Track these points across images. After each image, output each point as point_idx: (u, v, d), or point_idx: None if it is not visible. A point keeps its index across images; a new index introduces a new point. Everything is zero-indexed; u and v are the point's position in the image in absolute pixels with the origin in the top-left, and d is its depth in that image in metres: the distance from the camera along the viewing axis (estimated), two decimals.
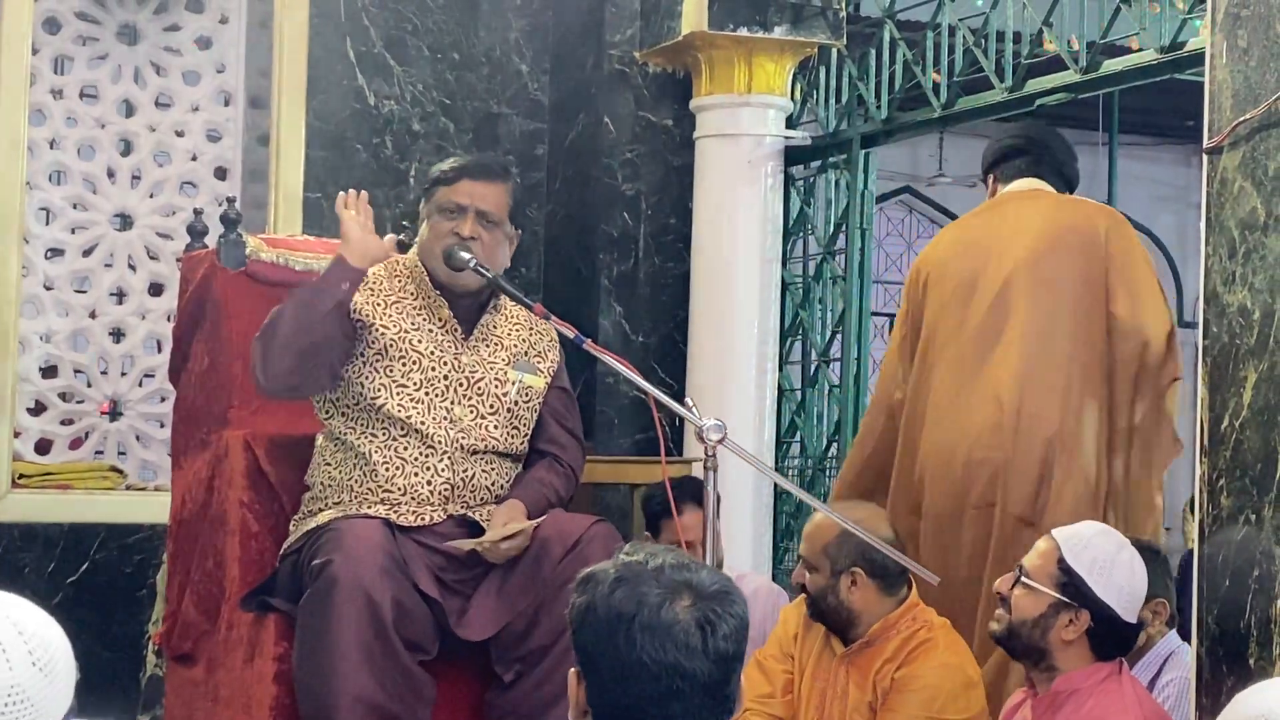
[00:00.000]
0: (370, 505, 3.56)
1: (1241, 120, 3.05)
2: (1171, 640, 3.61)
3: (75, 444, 5.82)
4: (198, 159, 5.95)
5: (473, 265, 3.57)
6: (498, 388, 3.66)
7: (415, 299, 3.67)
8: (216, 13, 5.97)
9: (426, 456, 3.59)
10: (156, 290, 5.90)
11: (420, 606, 3.45)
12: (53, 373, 5.84)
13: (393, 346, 3.61)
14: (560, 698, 2.08)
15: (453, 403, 3.62)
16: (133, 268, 5.86)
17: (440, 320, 3.66)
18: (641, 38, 6.08)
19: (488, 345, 3.69)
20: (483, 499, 3.64)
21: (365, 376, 3.61)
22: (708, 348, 5.94)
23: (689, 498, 4.33)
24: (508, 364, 3.69)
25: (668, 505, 3.87)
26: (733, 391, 5.85)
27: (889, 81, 5.79)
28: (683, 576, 1.96)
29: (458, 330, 3.67)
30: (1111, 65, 5.02)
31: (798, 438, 6.17)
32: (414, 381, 3.60)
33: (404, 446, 3.59)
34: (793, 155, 6.07)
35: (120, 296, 5.89)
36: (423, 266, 3.68)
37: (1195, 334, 3.31)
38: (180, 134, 5.93)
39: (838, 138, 5.99)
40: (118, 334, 5.90)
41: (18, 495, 5.60)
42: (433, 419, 3.60)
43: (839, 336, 6.01)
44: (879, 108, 5.83)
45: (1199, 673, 3.12)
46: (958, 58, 5.51)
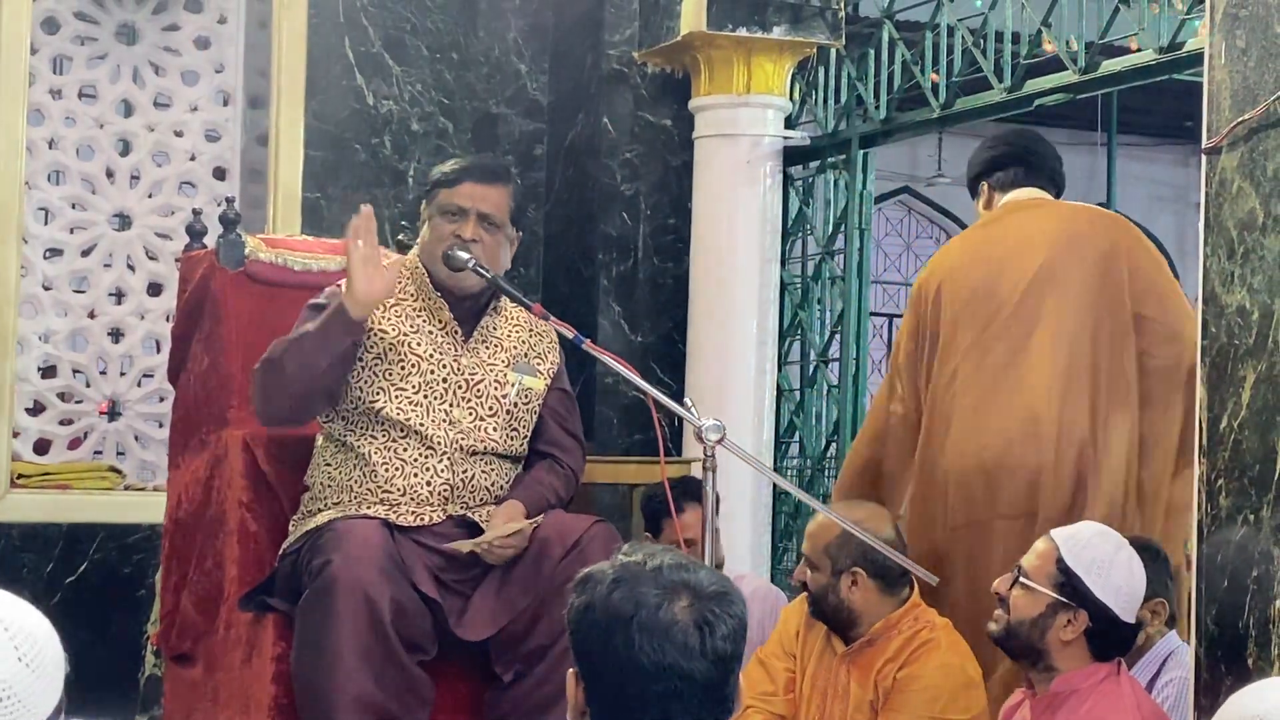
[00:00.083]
0: (369, 506, 3.55)
1: (1240, 121, 3.04)
2: (1171, 640, 3.60)
3: (74, 444, 5.82)
4: (196, 159, 5.94)
5: (471, 265, 3.57)
6: (497, 389, 3.66)
7: (415, 300, 3.66)
8: (215, 13, 5.96)
9: (426, 457, 3.58)
10: (155, 290, 5.90)
11: (419, 607, 3.45)
12: (51, 373, 5.84)
13: (392, 350, 3.60)
14: (560, 698, 2.08)
15: (451, 404, 3.62)
16: (131, 268, 5.86)
17: (440, 322, 3.66)
18: (640, 38, 6.08)
19: (487, 347, 3.68)
20: (482, 500, 3.64)
21: (364, 380, 3.60)
22: (707, 348, 5.94)
23: (690, 496, 4.33)
24: (507, 366, 3.68)
25: (668, 504, 3.87)
26: (732, 391, 5.85)
27: (888, 82, 5.80)
28: (681, 577, 1.96)
29: (458, 332, 3.66)
30: (1110, 65, 5.02)
31: (796, 438, 6.17)
32: (413, 385, 3.59)
33: (403, 447, 3.59)
34: (791, 155, 6.08)
35: (119, 296, 5.89)
36: (423, 268, 3.67)
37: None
38: (179, 134, 5.93)
39: (836, 138, 6.00)
40: (116, 334, 5.90)
41: (16, 495, 5.59)
42: (432, 421, 3.59)
43: (838, 336, 6.02)
44: (878, 108, 5.84)
45: (1197, 673, 3.12)
46: (956, 58, 5.51)
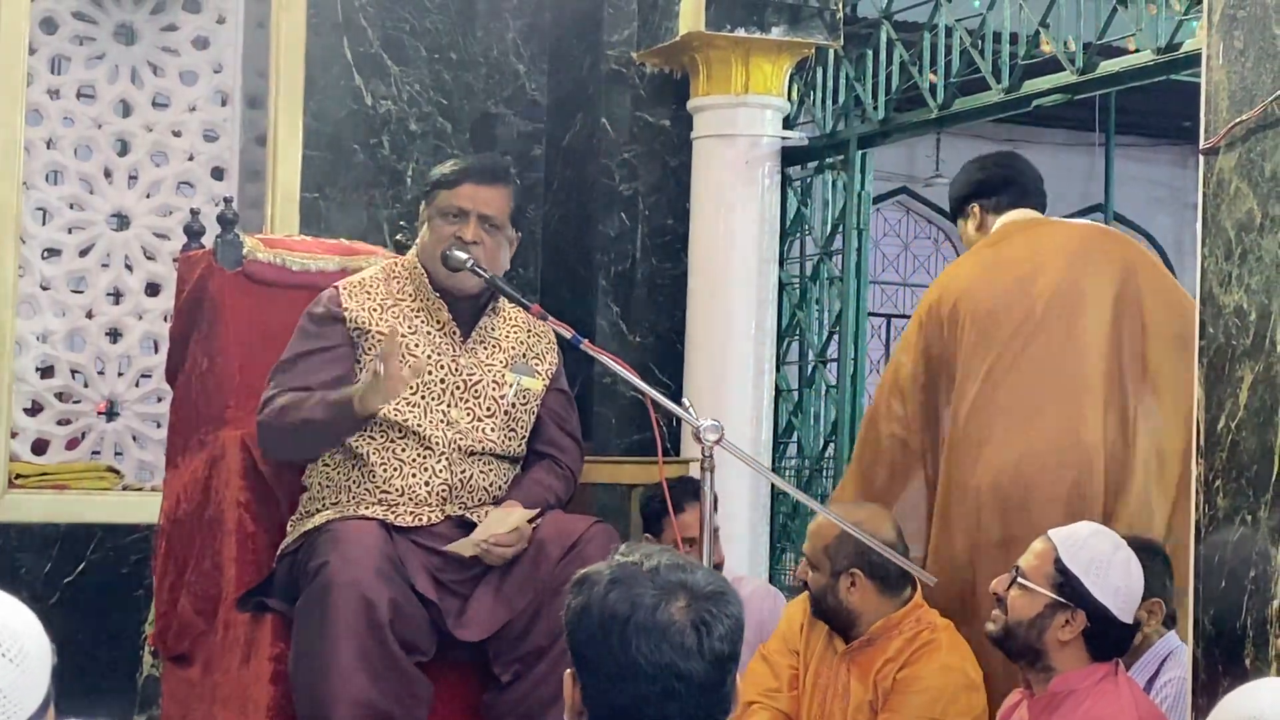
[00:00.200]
0: (367, 506, 3.55)
1: (1238, 121, 3.04)
2: (1170, 640, 3.60)
3: (72, 444, 5.82)
4: (195, 159, 5.94)
5: (469, 266, 3.56)
6: (495, 390, 3.66)
7: (413, 301, 3.66)
8: (214, 13, 5.96)
9: (424, 458, 3.58)
10: (153, 290, 5.90)
11: (417, 607, 3.45)
12: (49, 373, 5.84)
13: None
14: (558, 698, 2.08)
15: (449, 405, 3.62)
16: (129, 268, 5.86)
17: (439, 323, 3.65)
18: (639, 38, 6.08)
19: (486, 348, 3.68)
20: (480, 500, 3.64)
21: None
22: (705, 348, 5.94)
23: (691, 496, 4.33)
24: (505, 366, 3.68)
25: (673, 503, 3.86)
26: (730, 392, 5.84)
27: (886, 82, 5.80)
28: (678, 577, 1.96)
29: (456, 333, 3.66)
30: (1108, 66, 5.02)
31: (795, 438, 6.17)
32: (410, 386, 3.59)
33: (401, 448, 3.59)
34: (790, 156, 6.07)
35: (117, 296, 5.89)
36: (422, 269, 3.67)
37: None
38: (177, 134, 5.93)
39: (835, 138, 6.00)
40: (114, 334, 5.90)
41: (14, 495, 5.59)
42: (430, 422, 3.59)
43: (836, 337, 6.01)
44: (876, 108, 5.83)
45: (1195, 673, 3.12)
46: (954, 59, 5.51)
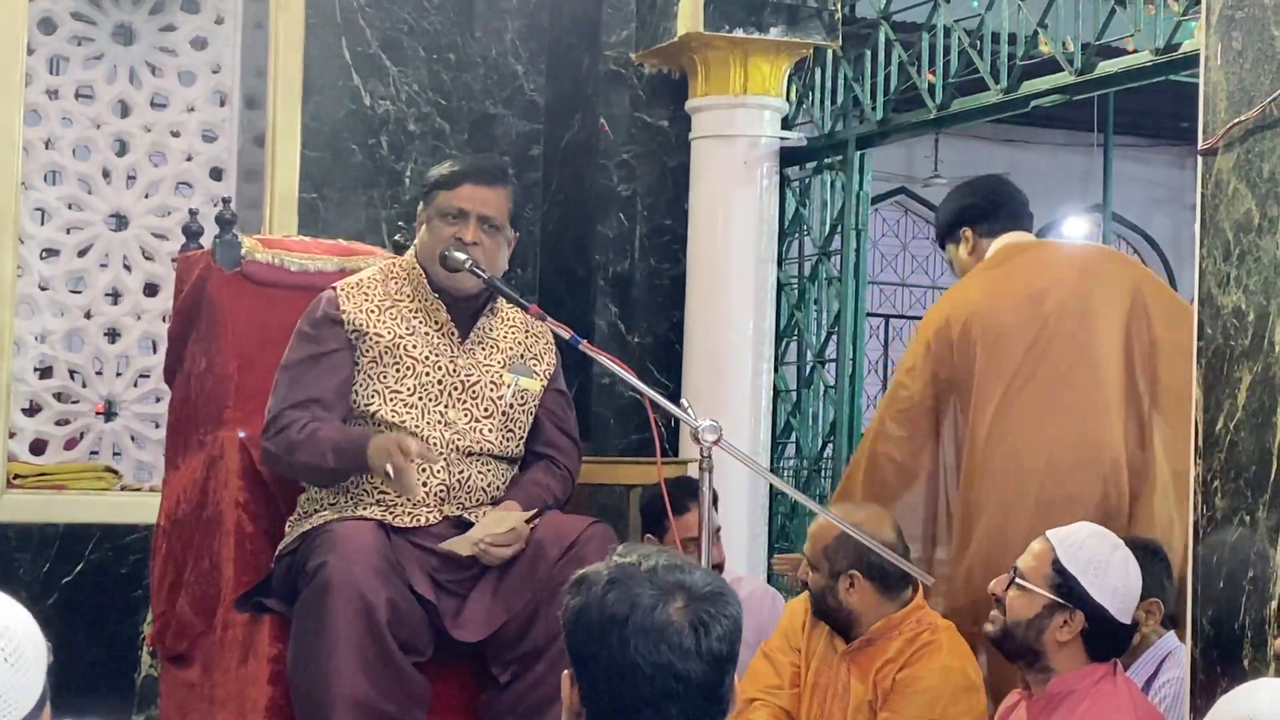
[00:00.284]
0: (366, 507, 3.55)
1: (1236, 122, 3.05)
2: (1169, 640, 3.60)
3: (70, 444, 5.82)
4: (193, 159, 5.94)
5: (468, 266, 3.56)
6: (493, 391, 3.65)
7: (411, 302, 3.66)
8: (212, 13, 5.96)
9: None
10: (152, 290, 5.90)
11: (415, 608, 3.45)
12: (48, 373, 5.84)
13: (387, 354, 3.59)
14: (556, 699, 2.08)
15: (447, 406, 3.61)
16: (128, 268, 5.86)
17: (437, 324, 3.65)
18: (637, 39, 6.08)
19: (484, 348, 3.68)
20: (478, 500, 3.63)
21: (359, 384, 3.60)
22: (703, 348, 5.94)
23: (693, 496, 4.34)
24: (503, 367, 3.68)
25: (675, 503, 3.86)
26: (728, 392, 5.84)
27: (884, 83, 5.80)
28: (676, 578, 1.95)
29: (454, 334, 3.66)
30: (1107, 67, 5.02)
31: (793, 438, 6.17)
32: (408, 387, 3.59)
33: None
34: (788, 156, 6.08)
35: (115, 297, 5.89)
36: (421, 269, 3.66)
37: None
38: (176, 134, 5.93)
39: (833, 139, 6.00)
40: (113, 334, 5.90)
41: (12, 496, 5.59)
42: (427, 423, 3.59)
43: (834, 337, 6.02)
44: (874, 109, 5.83)
45: (1193, 674, 3.12)
46: (953, 59, 5.51)
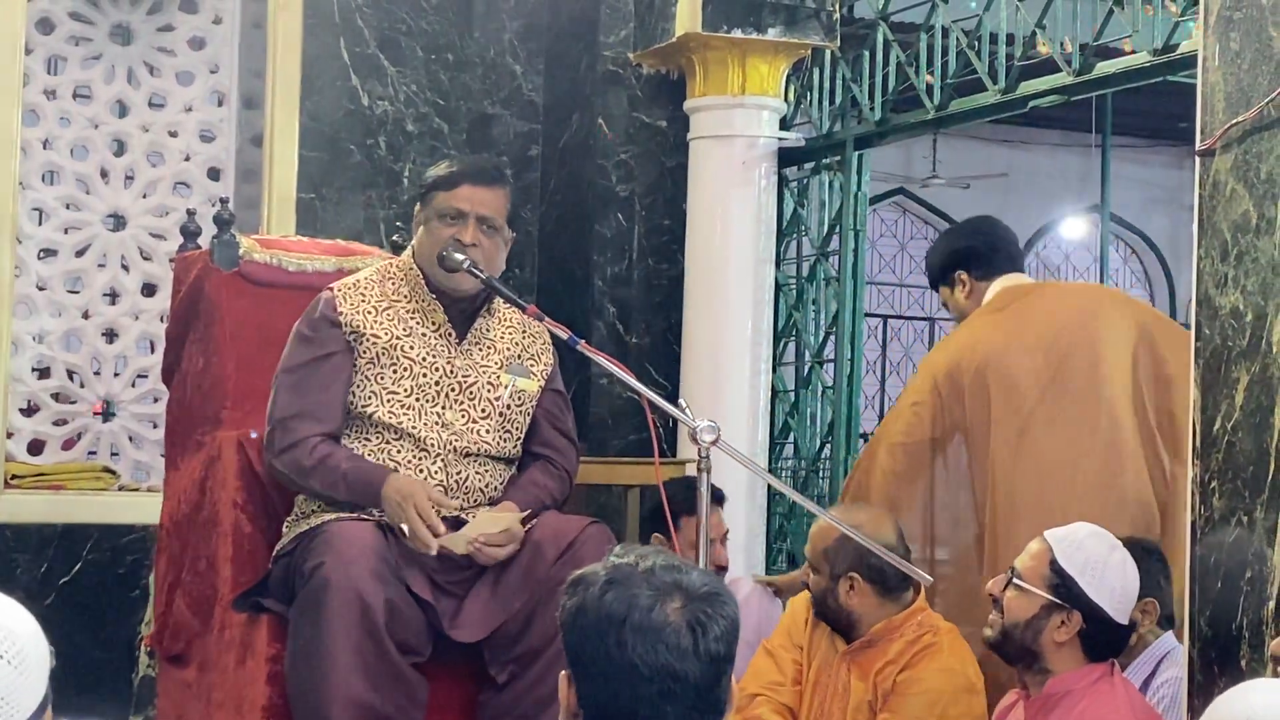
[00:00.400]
0: (363, 508, 3.55)
1: (1234, 123, 3.05)
2: (1167, 640, 3.61)
3: (68, 444, 5.82)
4: (191, 159, 5.94)
5: (466, 266, 3.56)
6: (490, 391, 3.65)
7: (409, 302, 3.65)
8: (210, 13, 5.96)
9: (420, 459, 3.58)
10: (149, 291, 5.90)
11: (413, 608, 3.44)
12: (46, 373, 5.84)
13: (384, 355, 3.59)
14: (554, 699, 2.08)
15: (444, 407, 3.61)
16: (126, 268, 5.86)
17: (434, 324, 3.65)
18: (635, 39, 6.08)
19: (481, 349, 3.68)
20: (476, 501, 3.63)
21: (356, 385, 3.59)
22: (701, 349, 5.94)
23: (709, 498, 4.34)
24: (501, 368, 3.68)
25: (688, 503, 3.86)
26: (726, 393, 5.84)
27: (882, 83, 5.79)
28: (673, 578, 1.96)
29: (451, 334, 3.66)
30: (1104, 67, 5.02)
31: (791, 439, 6.17)
32: (405, 388, 3.59)
33: (397, 450, 3.58)
34: (786, 156, 6.07)
35: (113, 297, 5.89)
36: (418, 270, 3.66)
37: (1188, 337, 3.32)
38: (174, 134, 5.93)
39: (831, 139, 6.00)
40: (111, 334, 5.90)
41: (10, 496, 5.59)
42: (424, 424, 3.59)
43: (832, 338, 6.01)
44: (872, 109, 5.83)
45: (1191, 674, 3.12)
46: (951, 59, 5.51)
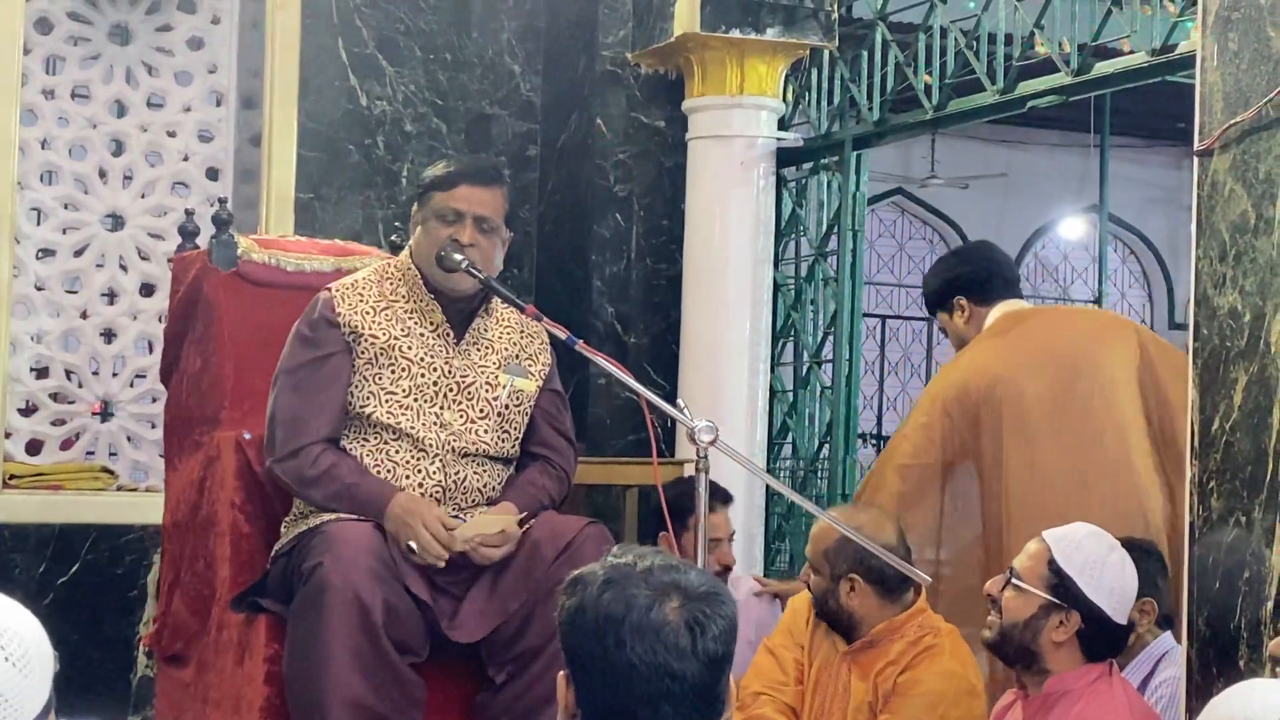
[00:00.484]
0: None
1: (1232, 123, 3.05)
2: (1165, 640, 3.61)
3: (66, 445, 5.82)
4: (189, 159, 5.94)
5: (465, 266, 3.56)
6: (488, 391, 3.65)
7: (407, 303, 3.65)
8: (208, 13, 5.96)
9: (418, 459, 3.58)
10: (148, 291, 5.90)
11: (411, 609, 3.44)
12: (44, 373, 5.84)
13: (382, 355, 3.59)
14: (552, 699, 2.08)
15: (442, 407, 3.61)
16: (124, 268, 5.86)
17: (432, 324, 3.65)
18: (634, 39, 6.08)
19: (479, 349, 3.68)
20: (474, 501, 3.63)
21: (355, 386, 3.59)
22: (700, 349, 5.94)
23: (712, 495, 4.34)
24: (499, 368, 3.68)
25: (693, 503, 3.86)
26: (725, 393, 5.85)
27: (881, 83, 5.80)
28: (671, 578, 1.95)
29: (449, 334, 3.66)
30: (1103, 68, 5.02)
31: (789, 439, 6.17)
32: (403, 389, 3.59)
33: (395, 450, 3.58)
34: (785, 157, 6.08)
35: (111, 297, 5.89)
36: (416, 270, 3.66)
37: (1186, 336, 3.32)
38: (172, 134, 5.93)
39: (830, 139, 6.00)
40: (109, 335, 5.90)
41: (9, 496, 5.59)
42: (423, 424, 3.59)
43: (831, 338, 6.02)
44: (871, 109, 5.83)
45: (1189, 674, 3.12)
46: (949, 60, 5.51)
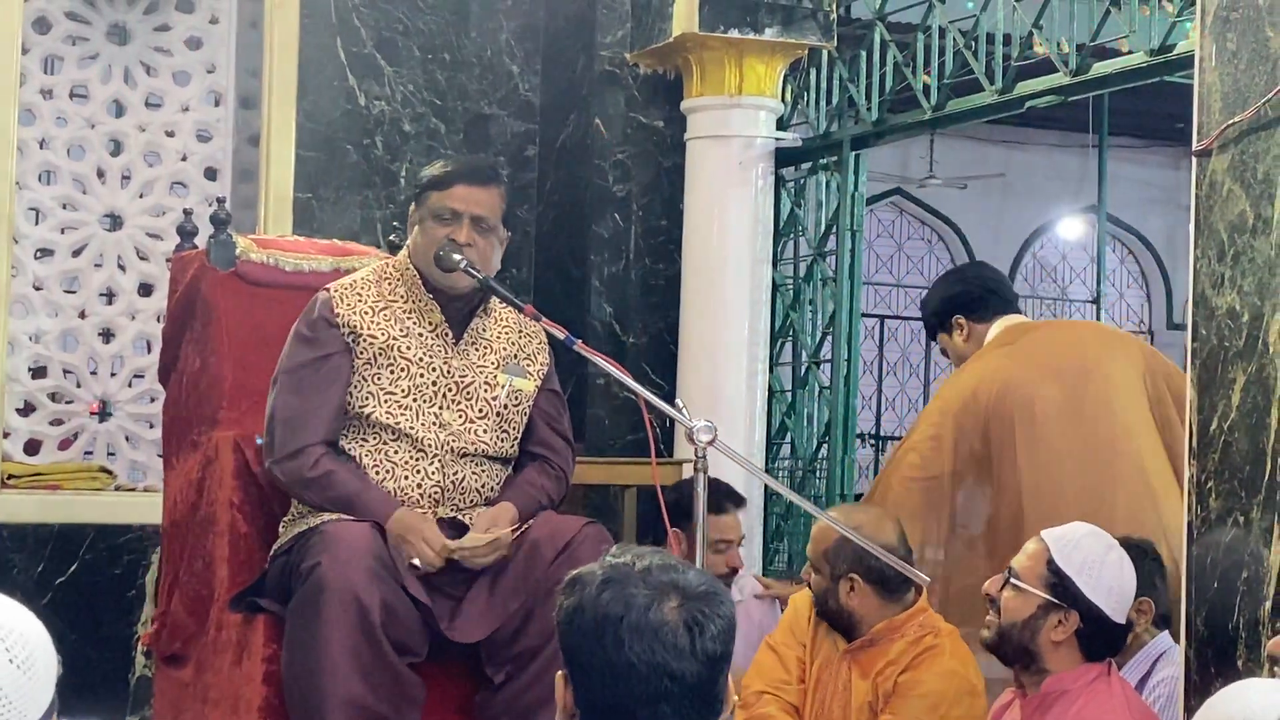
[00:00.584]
0: None
1: (1230, 123, 3.05)
2: (1163, 640, 3.61)
3: (65, 444, 5.81)
4: (188, 159, 5.94)
5: (463, 266, 3.56)
6: (487, 391, 3.65)
7: (405, 303, 3.65)
8: (207, 13, 5.96)
9: (416, 459, 3.58)
10: (146, 290, 5.90)
11: (410, 609, 3.44)
12: (42, 373, 5.83)
13: (381, 355, 3.59)
14: (550, 699, 2.08)
15: (441, 407, 3.61)
16: (122, 268, 5.86)
17: (431, 324, 3.65)
18: (632, 39, 6.08)
19: (477, 349, 3.68)
20: (473, 501, 3.63)
21: (354, 386, 3.59)
22: (698, 349, 5.94)
23: (726, 498, 4.34)
24: (497, 368, 3.68)
25: (713, 504, 3.85)
26: (723, 393, 5.84)
27: (879, 83, 5.79)
28: (670, 577, 1.95)
29: (448, 334, 3.66)
30: (1101, 68, 5.02)
31: (788, 439, 6.17)
32: (402, 389, 3.59)
33: (394, 450, 3.58)
34: (783, 157, 6.07)
35: (110, 297, 5.88)
36: (414, 270, 3.66)
37: (1184, 337, 3.32)
38: (170, 134, 5.93)
39: (828, 139, 6.00)
40: (107, 334, 5.89)
41: (7, 496, 5.58)
42: (421, 424, 3.59)
43: (829, 338, 6.01)
44: (869, 109, 5.83)
45: (1187, 674, 3.12)
46: (948, 60, 5.51)
